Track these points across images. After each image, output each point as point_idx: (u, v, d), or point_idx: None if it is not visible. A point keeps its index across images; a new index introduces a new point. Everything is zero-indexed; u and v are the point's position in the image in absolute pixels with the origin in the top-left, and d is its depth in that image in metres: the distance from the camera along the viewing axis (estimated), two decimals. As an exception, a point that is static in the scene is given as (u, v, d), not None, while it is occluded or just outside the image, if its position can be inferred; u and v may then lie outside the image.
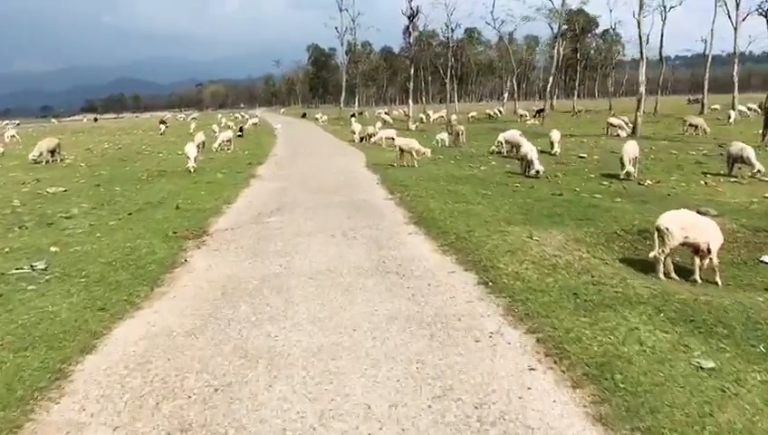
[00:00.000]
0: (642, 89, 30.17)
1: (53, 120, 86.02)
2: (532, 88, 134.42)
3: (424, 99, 75.20)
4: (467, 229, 8.57)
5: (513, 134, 22.42)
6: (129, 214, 10.66)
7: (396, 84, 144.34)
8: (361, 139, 28.25)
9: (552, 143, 20.31)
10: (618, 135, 29.91)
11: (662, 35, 50.99)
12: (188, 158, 16.60)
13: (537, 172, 15.26)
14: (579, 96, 70.75)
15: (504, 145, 22.28)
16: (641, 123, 30.10)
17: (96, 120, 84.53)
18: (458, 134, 28.43)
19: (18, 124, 76.99)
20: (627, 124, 31.59)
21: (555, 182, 14.76)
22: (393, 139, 26.63)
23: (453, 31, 43.68)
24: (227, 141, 26.15)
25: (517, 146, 17.67)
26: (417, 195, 12.22)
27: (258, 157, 21.74)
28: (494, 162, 19.71)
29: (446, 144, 27.03)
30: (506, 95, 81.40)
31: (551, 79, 46.05)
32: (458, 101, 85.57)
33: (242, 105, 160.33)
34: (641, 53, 30.37)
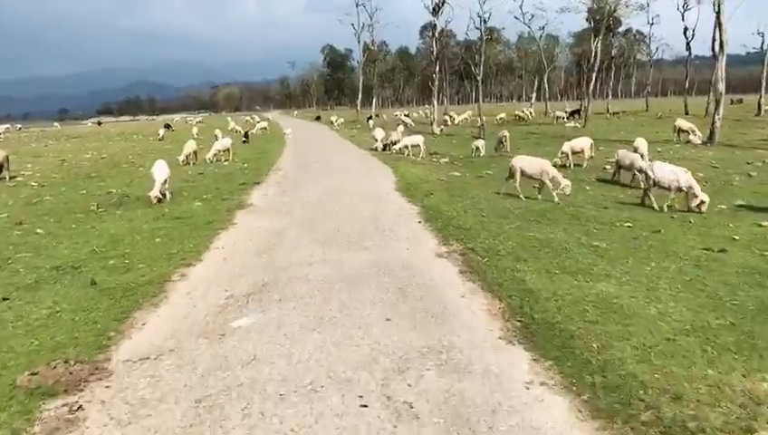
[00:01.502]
0: (722, 87, 25.02)
1: (56, 123, 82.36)
2: (554, 88, 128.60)
3: (446, 100, 70.20)
4: (661, 381, 3.87)
5: (582, 143, 17.67)
6: (4, 299, 6.14)
7: (412, 85, 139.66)
8: (384, 147, 23.61)
9: (642, 155, 15.44)
10: (690, 141, 24.95)
11: (714, 27, 45.26)
12: (155, 182, 12.09)
13: (699, 204, 10.49)
14: (603, 96, 65.22)
15: (570, 157, 17.53)
16: (719, 128, 24.97)
17: (100, 123, 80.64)
18: (501, 141, 23.65)
19: (24, 128, 73.83)
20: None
21: (683, 220, 9.97)
22: (419, 146, 22.02)
23: (486, 22, 38.50)
24: (224, 151, 21.77)
25: (627, 165, 12.70)
26: (492, 250, 7.58)
27: (258, 172, 17.22)
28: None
29: (482, 153, 22.27)
30: (534, 95, 76.23)
31: (593, 76, 40.85)
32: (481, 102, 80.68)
33: (257, 107, 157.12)
34: (720, 43, 25.25)
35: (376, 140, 24.11)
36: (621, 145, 25.63)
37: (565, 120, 44.70)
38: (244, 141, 31.44)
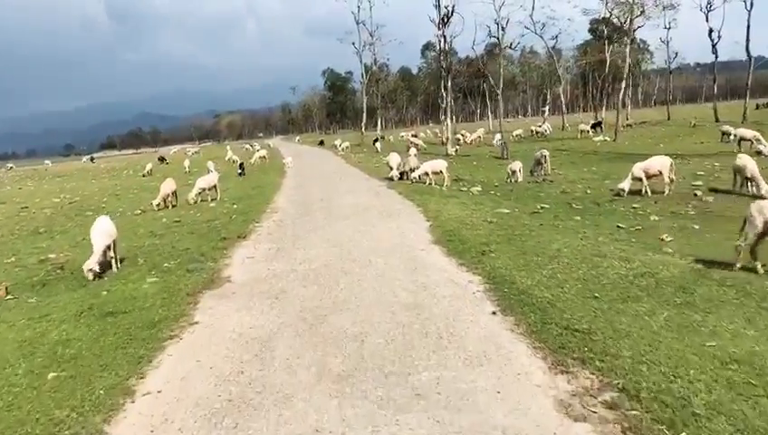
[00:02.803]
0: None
1: (47, 161, 79.77)
2: (556, 102, 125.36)
3: (455, 118, 66.82)
4: None
5: (659, 163, 13.90)
6: None
7: (415, 105, 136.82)
8: (401, 175, 19.92)
9: (750, 178, 11.68)
10: (760, 152, 21.14)
11: (748, 27, 41.60)
12: (93, 249, 8.43)
13: None
14: (613, 107, 61.65)
15: (644, 181, 13.76)
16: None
17: (93, 159, 77.87)
18: (540, 161, 19.99)
19: (17, 167, 70.96)
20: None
21: None
22: (443, 173, 18.34)
23: (504, 29, 35.12)
24: (210, 189, 18.23)
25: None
26: (671, 397, 3.77)
27: (247, 217, 13.56)
28: (654, 216, 11.19)
29: (519, 178, 18.71)
30: (546, 109, 72.90)
31: (623, 84, 37.25)
32: (487, 118, 77.54)
33: (260, 134, 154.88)
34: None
35: (391, 168, 20.42)
36: (680, 160, 21.67)
37: (590, 133, 41.10)
38: (240, 174, 27.99)
